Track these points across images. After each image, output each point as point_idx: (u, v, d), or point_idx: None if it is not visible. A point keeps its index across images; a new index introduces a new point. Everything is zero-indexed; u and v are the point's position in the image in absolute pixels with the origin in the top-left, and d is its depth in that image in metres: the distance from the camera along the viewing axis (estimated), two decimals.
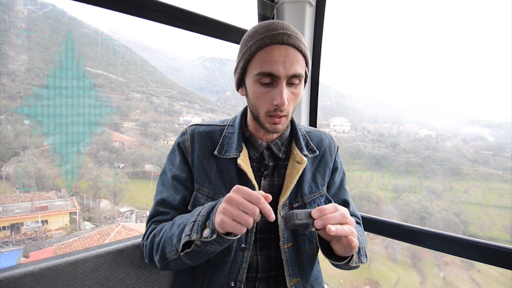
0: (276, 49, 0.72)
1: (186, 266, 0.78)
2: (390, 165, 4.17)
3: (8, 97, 3.39)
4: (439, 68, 3.98)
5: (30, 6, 3.48)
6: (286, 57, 0.72)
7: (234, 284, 0.82)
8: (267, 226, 0.85)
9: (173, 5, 1.19)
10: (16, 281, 0.74)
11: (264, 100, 0.76)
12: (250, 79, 0.77)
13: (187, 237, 0.68)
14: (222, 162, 0.84)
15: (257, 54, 0.74)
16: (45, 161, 3.74)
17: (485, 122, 3.24)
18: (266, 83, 0.75)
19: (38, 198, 3.53)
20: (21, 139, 3.50)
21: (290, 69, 0.72)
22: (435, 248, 1.19)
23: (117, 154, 4.23)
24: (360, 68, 4.55)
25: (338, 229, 0.64)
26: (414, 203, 3.90)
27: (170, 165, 0.89)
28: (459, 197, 3.70)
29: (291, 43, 0.73)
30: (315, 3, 1.55)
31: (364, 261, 0.81)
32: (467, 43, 3.65)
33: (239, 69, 0.80)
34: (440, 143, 3.53)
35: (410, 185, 4.07)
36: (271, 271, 0.87)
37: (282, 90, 0.73)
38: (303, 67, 0.77)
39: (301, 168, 0.85)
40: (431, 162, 3.55)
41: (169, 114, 4.70)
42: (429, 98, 4.12)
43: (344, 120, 4.17)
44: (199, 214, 0.70)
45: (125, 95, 4.49)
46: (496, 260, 1.04)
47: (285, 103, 0.73)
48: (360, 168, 4.46)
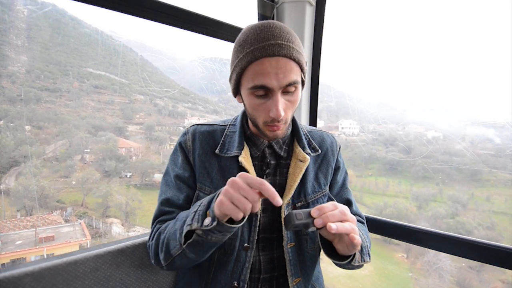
0: (267, 62, 0.70)
1: (190, 263, 0.77)
2: (405, 170, 3.96)
3: (8, 100, 3.26)
4: (439, 68, 3.97)
5: (30, 6, 3.43)
6: (278, 69, 0.70)
7: (237, 283, 0.82)
8: (270, 225, 0.85)
9: (173, 5, 1.19)
10: (16, 281, 0.74)
11: (260, 111, 0.76)
12: (244, 91, 0.77)
13: (188, 226, 0.68)
14: (224, 160, 0.85)
15: (249, 68, 0.72)
16: (47, 172, 3.56)
17: (489, 123, 3.17)
18: (261, 95, 0.74)
19: (42, 222, 3.13)
20: (22, 148, 3.31)
21: (284, 80, 0.71)
22: (435, 248, 1.19)
23: (124, 163, 4.05)
24: (361, 68, 4.54)
25: (339, 227, 0.63)
26: (448, 218, 3.58)
27: (173, 165, 0.89)
28: (481, 206, 3.44)
29: (282, 54, 0.70)
30: (315, 3, 1.55)
31: (367, 260, 0.81)
32: (467, 43, 3.65)
33: (233, 80, 0.79)
34: (450, 146, 3.39)
35: (431, 193, 3.79)
36: (274, 271, 0.87)
37: (277, 102, 0.72)
38: (298, 74, 0.75)
39: (304, 166, 0.85)
40: (448, 167, 3.38)
41: (173, 117, 4.65)
42: (430, 98, 4.10)
43: (353, 122, 4.07)
44: (200, 205, 0.71)
45: (128, 97, 4.41)
46: (496, 260, 1.04)
47: (281, 115, 0.72)
48: (374, 174, 4.30)
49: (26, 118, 3.33)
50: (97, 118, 4.12)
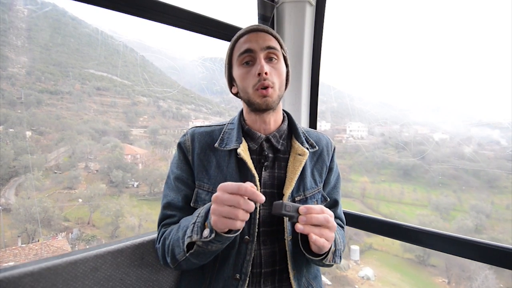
0: (252, 34, 0.86)
1: (197, 265, 0.81)
2: (420, 176, 3.81)
3: (7, 103, 3.16)
4: (439, 68, 3.96)
5: (30, 6, 3.40)
6: (259, 37, 0.85)
7: (239, 276, 0.83)
8: (270, 218, 0.86)
9: (173, 5, 1.19)
10: (16, 281, 0.74)
11: (248, 78, 0.85)
12: (235, 68, 0.88)
13: (189, 239, 0.71)
14: (223, 156, 0.87)
15: (238, 42, 0.88)
16: (50, 183, 3.35)
17: (493, 124, 3.11)
18: (247, 61, 0.85)
19: (46, 250, 2.88)
20: (22, 158, 3.08)
21: (264, 43, 0.84)
22: (435, 248, 1.19)
23: (131, 173, 3.90)
24: (362, 69, 4.54)
25: (306, 229, 0.70)
26: (478, 233, 3.25)
27: (173, 167, 0.93)
28: (503, 215, 3.20)
29: (262, 29, 0.87)
30: (315, 3, 1.55)
31: (337, 262, 0.86)
32: (467, 43, 3.64)
33: (227, 65, 0.93)
34: (459, 149, 3.27)
35: (451, 202, 3.51)
36: (275, 265, 0.88)
37: (261, 60, 0.83)
38: (277, 44, 0.88)
39: (304, 160, 0.88)
40: (464, 172, 3.23)
41: (177, 119, 4.58)
42: (430, 98, 4.07)
43: (361, 125, 4.04)
44: (198, 216, 0.74)
45: (131, 99, 4.34)
46: (496, 260, 1.04)
47: (265, 70, 0.81)
48: (387, 179, 4.19)
49: (27, 123, 3.23)
50: (100, 122, 4.02)
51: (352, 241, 4.29)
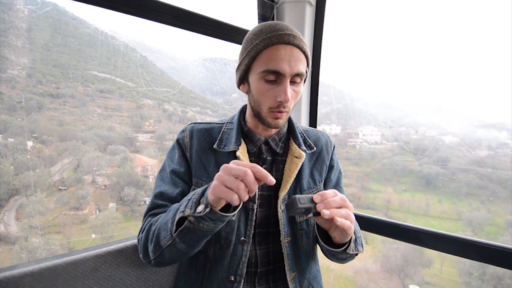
0: (282, 48, 0.76)
1: (180, 256, 0.77)
2: (444, 185, 3.49)
3: (7, 109, 2.94)
4: (441, 68, 3.96)
5: (30, 6, 3.36)
6: (291, 57, 0.76)
7: (234, 278, 0.83)
8: (266, 220, 0.87)
9: (173, 5, 1.19)
10: (16, 281, 0.75)
11: (267, 96, 0.79)
12: (254, 76, 0.80)
13: (181, 213, 0.69)
14: (221, 156, 0.87)
15: (263, 52, 0.77)
16: (54, 204, 3.05)
17: (499, 125, 3.04)
18: (271, 80, 0.78)
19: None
20: (23, 176, 2.81)
21: (295, 68, 0.76)
22: (435, 248, 1.19)
23: (144, 190, 3.61)
24: (363, 69, 4.53)
25: (334, 212, 0.67)
26: None
27: (170, 161, 0.91)
28: None
29: (296, 44, 0.77)
30: (315, 3, 1.55)
31: (360, 250, 0.85)
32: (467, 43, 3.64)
33: (243, 66, 0.82)
34: (472, 153, 3.07)
35: (483, 216, 3.13)
36: (270, 265, 0.88)
37: (287, 88, 0.77)
38: (305, 66, 0.81)
39: (300, 162, 0.87)
40: (489, 181, 3.00)
41: (183, 123, 4.48)
42: (432, 98, 4.04)
43: (374, 129, 3.84)
44: (194, 193, 0.72)
45: (135, 102, 4.16)
46: (496, 260, 1.04)
47: (289, 100, 0.77)
48: (408, 189, 3.85)
49: (28, 130, 3.05)
50: (105, 127, 3.81)
51: (408, 279, 3.68)
